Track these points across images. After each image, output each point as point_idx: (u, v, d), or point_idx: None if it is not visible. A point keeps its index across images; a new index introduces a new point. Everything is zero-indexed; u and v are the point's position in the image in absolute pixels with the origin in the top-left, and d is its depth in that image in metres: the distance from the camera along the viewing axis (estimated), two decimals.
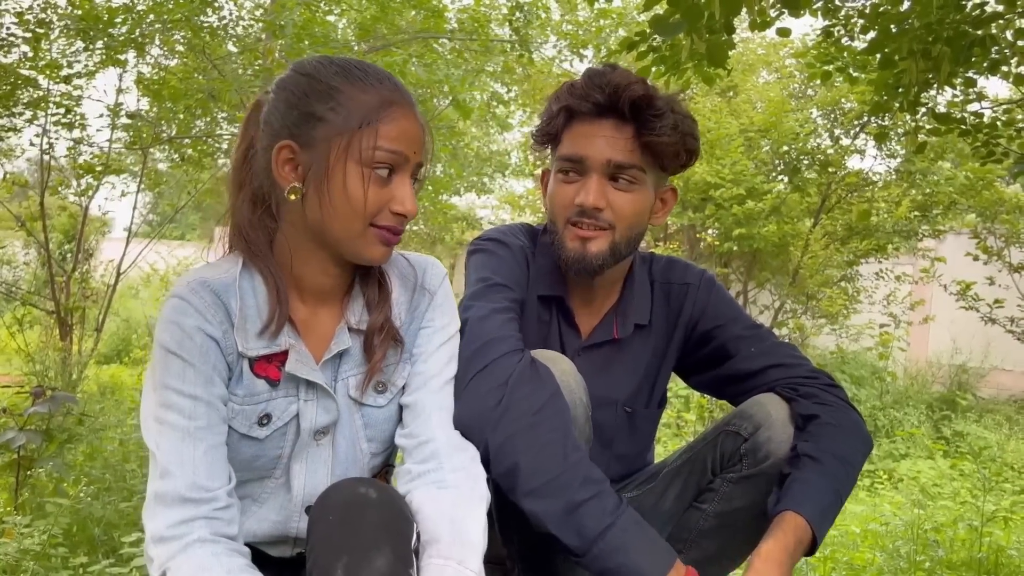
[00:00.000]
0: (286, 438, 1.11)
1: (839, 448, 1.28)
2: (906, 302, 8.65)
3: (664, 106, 1.33)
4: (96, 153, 5.99)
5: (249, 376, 1.08)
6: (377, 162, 1.05)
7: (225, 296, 1.07)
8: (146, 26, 5.53)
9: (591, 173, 1.35)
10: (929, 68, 2.70)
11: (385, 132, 1.05)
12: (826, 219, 8.12)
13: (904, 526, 3.34)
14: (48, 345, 6.21)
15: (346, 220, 1.06)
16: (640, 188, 1.37)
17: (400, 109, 1.07)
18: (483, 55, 7.48)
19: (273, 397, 1.10)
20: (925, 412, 7.78)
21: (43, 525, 2.64)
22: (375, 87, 1.07)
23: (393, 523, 0.97)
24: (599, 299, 1.47)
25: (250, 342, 1.08)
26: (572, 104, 1.37)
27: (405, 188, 1.08)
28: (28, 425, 3.01)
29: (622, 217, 1.36)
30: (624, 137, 1.34)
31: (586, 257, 1.36)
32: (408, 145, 1.07)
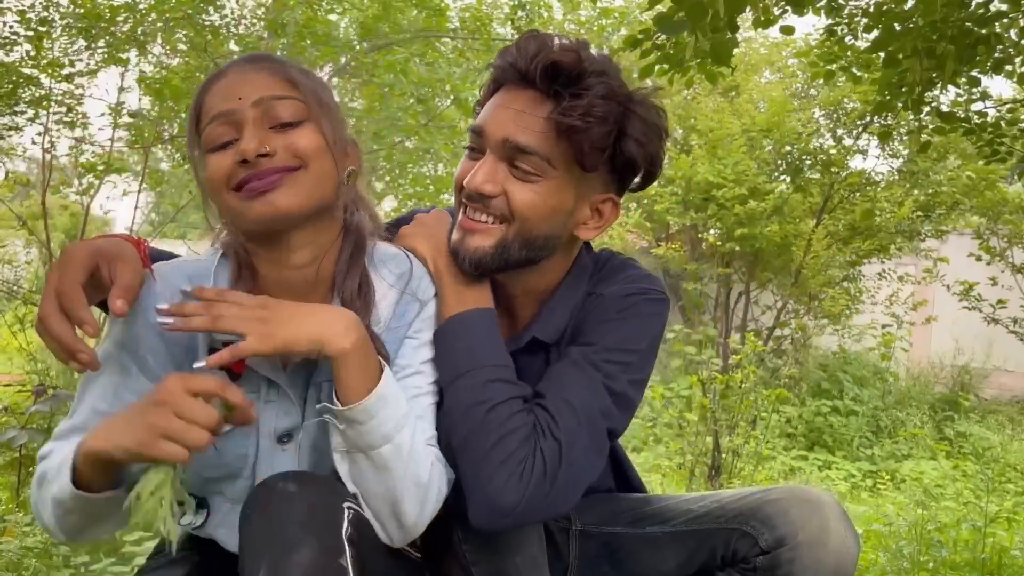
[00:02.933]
0: (249, 439, 1.07)
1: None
2: (909, 302, 8.63)
3: (593, 87, 1.07)
4: (98, 152, 5.99)
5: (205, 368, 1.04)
6: (211, 139, 1.00)
7: (198, 279, 1.06)
8: (148, 24, 5.53)
9: (488, 151, 1.13)
10: (933, 67, 2.69)
11: (205, 107, 1.02)
12: (828, 219, 8.11)
13: (907, 527, 3.34)
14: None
15: (215, 200, 1.03)
16: (546, 183, 1.11)
17: (218, 78, 1.03)
18: (485, 54, 7.47)
19: None
20: (928, 413, 7.77)
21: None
22: (201, 88, 1.05)
23: (319, 514, 0.93)
24: (522, 308, 1.26)
25: (218, 335, 1.04)
26: (496, 67, 1.16)
27: (245, 133, 0.98)
28: (30, 423, 3.00)
29: (518, 211, 1.11)
30: (535, 114, 1.10)
31: (463, 250, 1.14)
32: (227, 99, 1.00)
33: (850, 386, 7.72)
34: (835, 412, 7.35)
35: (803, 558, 1.11)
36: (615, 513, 1.34)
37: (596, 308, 1.19)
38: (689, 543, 1.24)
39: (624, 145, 1.12)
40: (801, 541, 1.10)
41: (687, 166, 7.98)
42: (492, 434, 1.06)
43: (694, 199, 8.18)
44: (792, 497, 1.15)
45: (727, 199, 7.78)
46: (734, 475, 4.79)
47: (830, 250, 7.97)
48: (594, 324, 1.18)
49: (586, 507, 1.35)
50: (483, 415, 1.07)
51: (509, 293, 1.24)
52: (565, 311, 1.22)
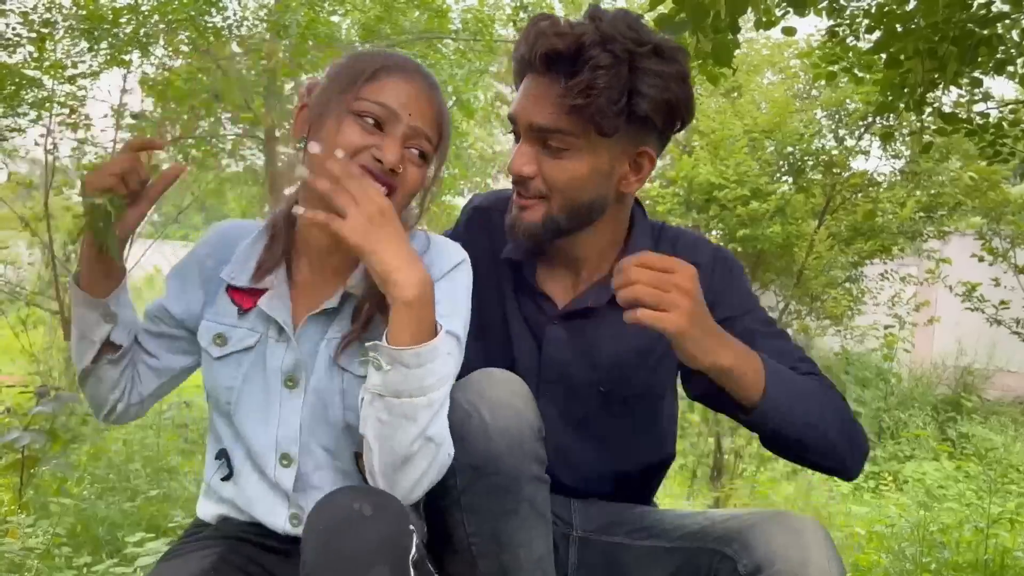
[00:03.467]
0: (240, 369, 1.18)
1: (832, 401, 1.20)
2: (911, 303, 8.63)
3: (594, 60, 1.12)
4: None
5: (223, 297, 1.21)
6: (362, 110, 1.10)
7: (244, 233, 1.24)
8: (150, 26, 5.55)
9: (522, 137, 1.22)
10: (935, 68, 2.69)
11: (374, 87, 1.11)
12: (831, 220, 8.10)
13: (910, 528, 3.33)
14: (52, 345, 6.22)
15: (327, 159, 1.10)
16: (575, 154, 1.18)
17: (400, 74, 1.13)
18: (487, 55, 7.48)
19: (236, 325, 1.19)
20: (930, 414, 7.77)
21: (47, 525, 2.64)
22: (381, 57, 1.15)
23: (388, 539, 0.97)
24: (586, 269, 1.32)
25: (241, 273, 1.20)
26: (515, 58, 1.23)
27: (392, 140, 1.10)
28: (32, 425, 3.01)
29: (554, 186, 1.20)
30: (548, 98, 1.17)
31: (517, 226, 1.25)
32: (399, 104, 1.11)
33: (853, 387, 7.72)
34: None
35: None
36: (615, 523, 1.32)
37: (714, 279, 1.27)
38: (677, 559, 1.21)
39: (636, 104, 1.16)
40: (778, 570, 1.05)
41: (689, 167, 7.99)
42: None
43: (696, 200, 8.18)
44: (776, 522, 1.10)
45: (729, 200, 7.78)
46: (736, 476, 4.79)
47: (832, 251, 7.96)
48: (728, 293, 1.28)
49: (587, 514, 1.34)
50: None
51: (574, 256, 1.31)
52: None
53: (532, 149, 1.21)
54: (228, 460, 1.22)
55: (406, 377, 1.02)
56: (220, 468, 1.22)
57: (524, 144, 1.21)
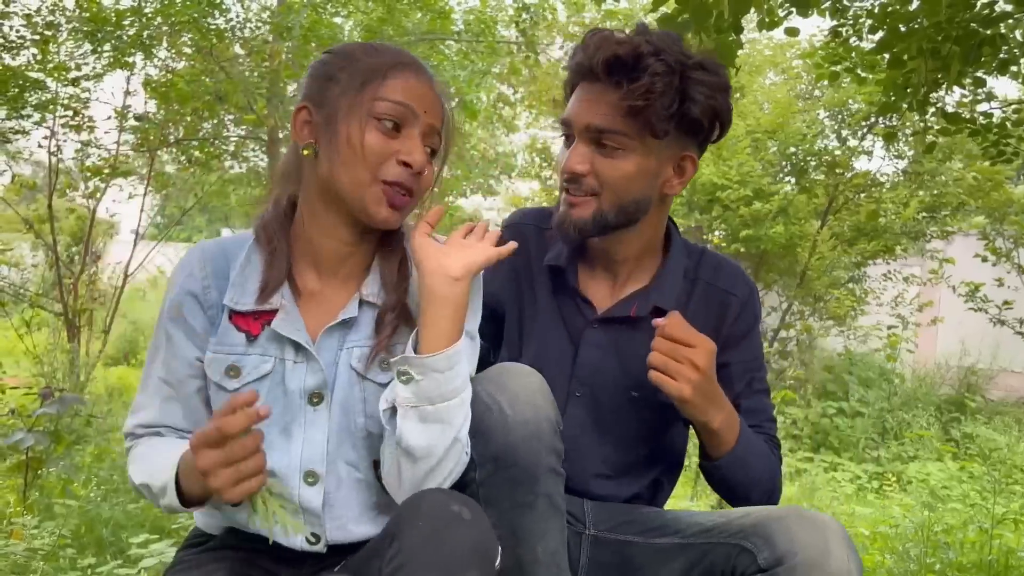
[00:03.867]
0: (278, 401, 1.13)
1: (763, 458, 1.37)
2: (914, 304, 8.60)
3: (651, 67, 1.23)
4: (104, 156, 6.02)
5: (226, 326, 1.14)
6: (381, 113, 1.08)
7: (232, 251, 1.17)
8: (154, 28, 5.56)
9: (576, 137, 1.31)
10: (938, 68, 2.68)
11: (390, 86, 1.09)
12: (833, 220, 8.09)
13: (914, 528, 3.33)
14: (56, 347, 6.23)
15: (352, 170, 1.09)
16: (628, 155, 1.28)
17: (409, 70, 1.12)
18: (489, 56, 7.49)
19: (247, 352, 1.13)
20: (934, 414, 7.74)
21: (52, 526, 2.65)
22: (387, 53, 1.13)
23: (482, 545, 0.97)
24: (623, 276, 1.40)
25: (244, 297, 1.14)
26: (570, 67, 1.35)
27: (413, 141, 1.10)
28: (36, 426, 3.02)
29: (607, 184, 1.29)
30: (606, 101, 1.26)
31: (566, 222, 1.32)
32: (415, 100, 1.10)
33: (856, 387, 7.70)
34: (841, 414, 7.33)
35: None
36: (627, 522, 1.34)
37: (743, 312, 1.41)
38: (691, 555, 1.24)
39: (688, 109, 1.27)
40: (800, 561, 1.08)
41: None
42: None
43: (699, 200, 8.18)
44: (795, 516, 1.14)
45: (732, 200, 7.77)
46: None
47: (835, 251, 7.95)
48: (746, 325, 1.42)
49: (600, 514, 1.36)
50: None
51: (613, 259, 1.39)
52: (674, 285, 1.39)
53: (587, 149, 1.29)
54: None
55: (439, 383, 1.04)
56: None
57: (579, 144, 1.30)
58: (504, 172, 13.38)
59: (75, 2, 5.32)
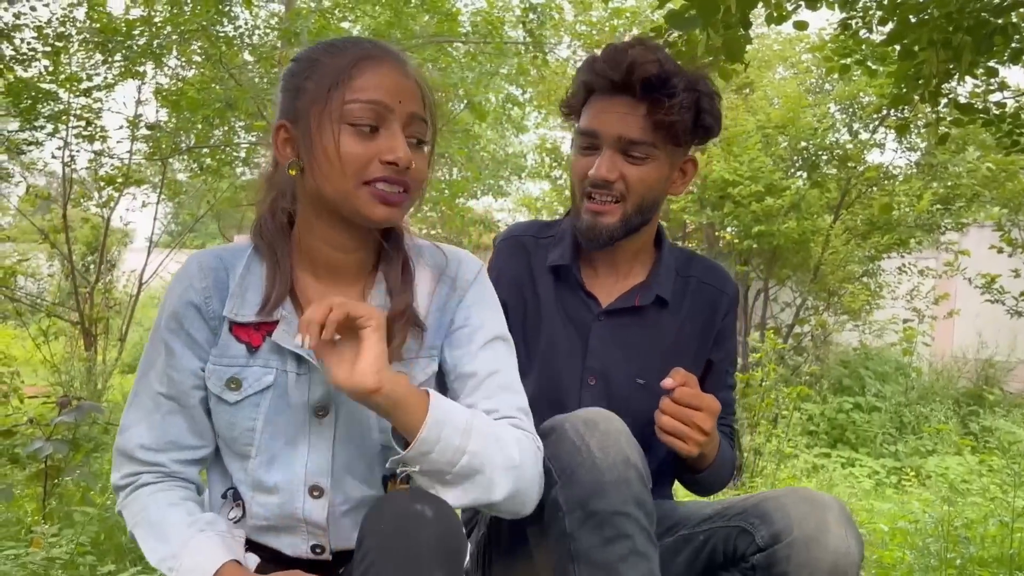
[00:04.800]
0: (259, 409, 1.10)
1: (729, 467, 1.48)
2: (930, 296, 8.54)
3: (678, 85, 1.36)
4: (117, 165, 6.06)
5: (227, 337, 1.12)
6: (354, 118, 1.04)
7: (230, 261, 1.14)
8: (164, 37, 5.59)
9: (604, 148, 1.40)
10: (950, 58, 2.66)
11: (357, 84, 1.05)
12: (846, 214, 8.03)
13: (933, 523, 3.30)
14: (73, 356, 6.28)
15: (336, 180, 1.05)
16: (653, 162, 1.41)
17: (374, 62, 1.07)
18: (497, 57, 7.48)
19: (248, 364, 1.11)
20: (952, 408, 7.68)
21: (71, 534, 2.66)
22: (348, 49, 1.08)
23: (448, 542, 0.96)
24: (623, 272, 1.51)
25: (244, 308, 1.11)
26: (590, 80, 1.43)
27: (394, 137, 1.05)
28: (55, 435, 3.03)
29: (634, 189, 1.41)
30: (637, 114, 1.38)
31: (597, 228, 1.42)
32: (388, 94, 1.05)
33: (872, 382, 7.64)
34: (857, 409, 7.27)
35: (799, 555, 1.10)
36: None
37: (730, 311, 1.54)
38: (696, 544, 1.28)
39: (703, 119, 1.42)
40: (796, 537, 1.10)
41: (702, 164, 7.94)
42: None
43: (710, 197, 8.14)
44: (792, 495, 1.18)
45: (743, 196, 7.74)
46: (756, 474, 4.75)
47: (849, 245, 7.90)
48: (731, 323, 1.55)
49: None
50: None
51: (614, 258, 1.49)
52: (668, 278, 1.50)
53: (616, 158, 1.40)
54: (239, 499, 1.15)
55: (434, 461, 1.02)
56: (231, 508, 1.16)
57: (608, 153, 1.40)
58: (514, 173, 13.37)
59: (86, 13, 5.36)
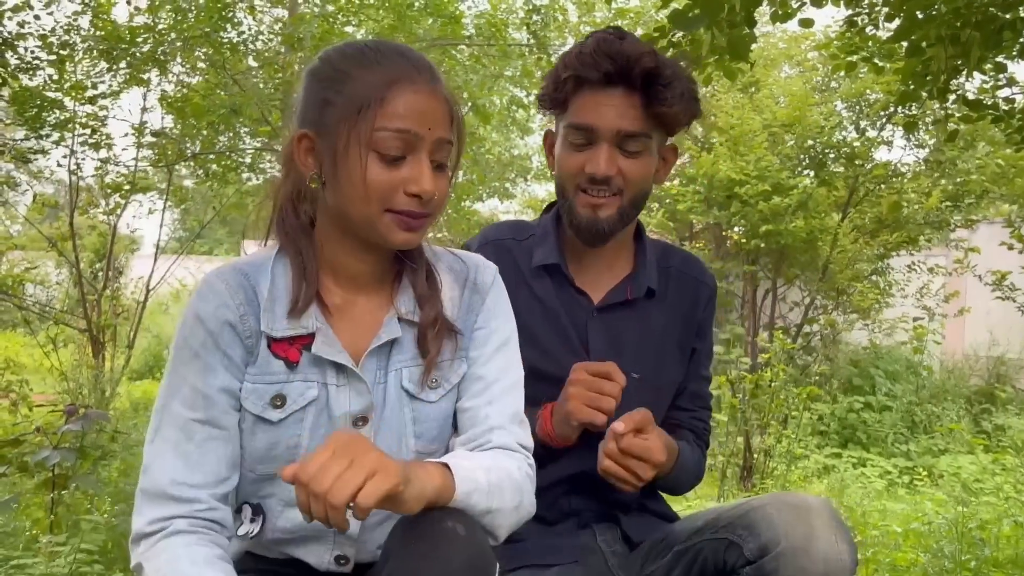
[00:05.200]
0: (303, 424, 1.08)
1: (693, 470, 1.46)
2: (940, 294, 8.48)
3: (672, 75, 1.34)
4: (123, 172, 6.08)
5: (266, 354, 1.07)
6: (383, 147, 1.02)
7: (254, 277, 1.09)
8: (168, 44, 5.61)
9: (600, 142, 1.35)
10: (958, 54, 2.63)
11: (389, 110, 1.02)
12: (854, 213, 7.99)
13: (947, 525, 3.26)
14: (81, 363, 6.30)
15: (359, 205, 1.04)
16: (646, 154, 1.38)
17: (407, 85, 1.03)
18: (501, 59, 7.48)
19: (290, 380, 1.07)
20: (964, 406, 7.62)
21: (77, 543, 2.66)
22: (382, 65, 1.04)
23: (477, 560, 0.95)
24: (608, 265, 1.48)
25: (276, 322, 1.07)
26: (581, 72, 1.35)
27: (420, 167, 1.03)
28: (62, 443, 3.03)
29: (631, 183, 1.38)
30: (633, 106, 1.35)
31: (598, 223, 1.38)
32: (418, 121, 1.03)
33: (882, 381, 7.59)
34: (868, 408, 7.22)
35: (787, 567, 1.06)
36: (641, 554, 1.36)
37: (710, 301, 1.53)
38: (688, 559, 1.24)
39: (693, 107, 1.39)
40: (784, 548, 1.07)
41: (709, 164, 7.92)
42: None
43: (717, 197, 8.11)
44: (778, 502, 1.13)
45: (750, 196, 7.70)
46: (767, 475, 4.72)
47: (857, 244, 7.85)
48: (710, 314, 1.53)
49: (615, 545, 1.37)
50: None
51: (599, 250, 1.45)
52: (654, 267, 1.49)
53: (613, 152, 1.35)
54: (258, 513, 1.12)
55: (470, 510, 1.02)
56: (249, 523, 1.12)
57: (606, 148, 1.35)
58: (520, 175, 13.37)
59: (90, 21, 5.37)
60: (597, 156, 1.35)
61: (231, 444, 1.07)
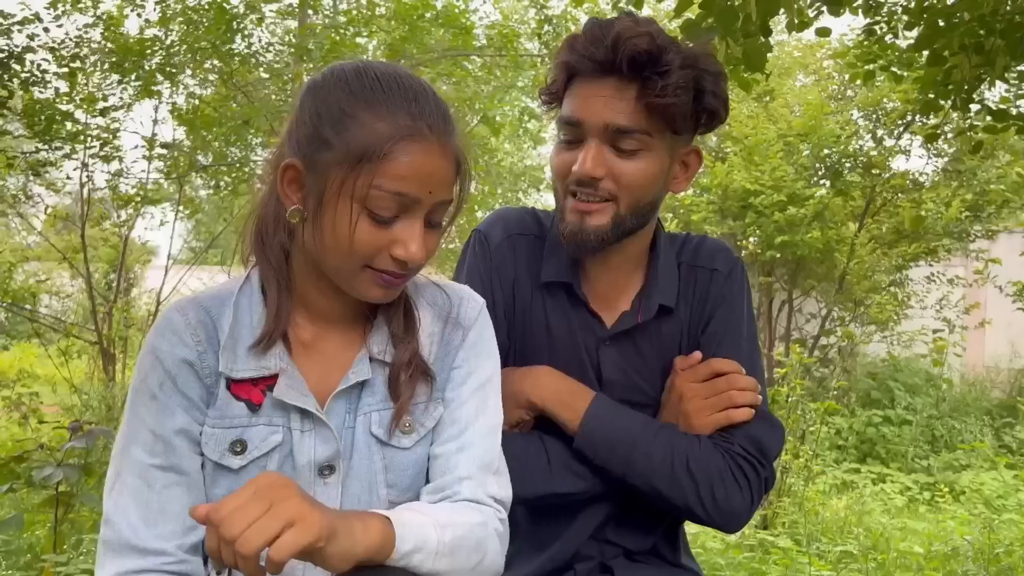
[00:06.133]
0: (265, 471, 0.98)
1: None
2: (960, 306, 8.35)
3: (674, 61, 1.15)
4: (134, 184, 6.09)
5: (226, 396, 0.99)
6: (376, 207, 0.93)
7: (216, 312, 1.01)
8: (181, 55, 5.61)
9: (589, 139, 1.19)
10: (982, 63, 2.55)
11: (390, 169, 0.92)
12: (871, 223, 7.88)
13: (970, 546, 3.16)
14: (93, 375, 6.30)
15: (336, 259, 0.96)
16: (647, 154, 1.19)
17: (415, 142, 0.93)
18: (513, 70, 7.44)
19: (252, 424, 0.99)
20: (985, 420, 7.49)
21: (81, 563, 2.62)
22: (391, 113, 0.93)
23: None
24: (622, 283, 1.31)
25: (238, 362, 0.99)
26: (571, 61, 1.20)
27: (411, 230, 0.95)
28: (67, 460, 2.99)
29: (625, 187, 1.19)
30: (626, 98, 1.17)
31: (584, 231, 1.21)
32: (420, 185, 0.93)
33: (902, 394, 7.47)
34: (887, 422, 7.10)
35: None
36: None
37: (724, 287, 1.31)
38: None
39: (705, 101, 1.20)
40: None
41: (723, 174, 7.84)
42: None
43: (731, 207, 8.03)
44: None
45: (766, 206, 7.62)
46: (783, 492, 4.63)
47: (875, 254, 7.74)
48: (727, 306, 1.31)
49: None
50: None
51: (610, 264, 1.29)
52: (669, 278, 1.31)
53: (602, 150, 1.19)
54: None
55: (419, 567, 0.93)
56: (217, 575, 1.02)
57: (594, 145, 1.19)
58: (532, 185, 13.34)
59: (101, 34, 5.39)
60: (583, 154, 1.18)
61: (195, 490, 0.98)
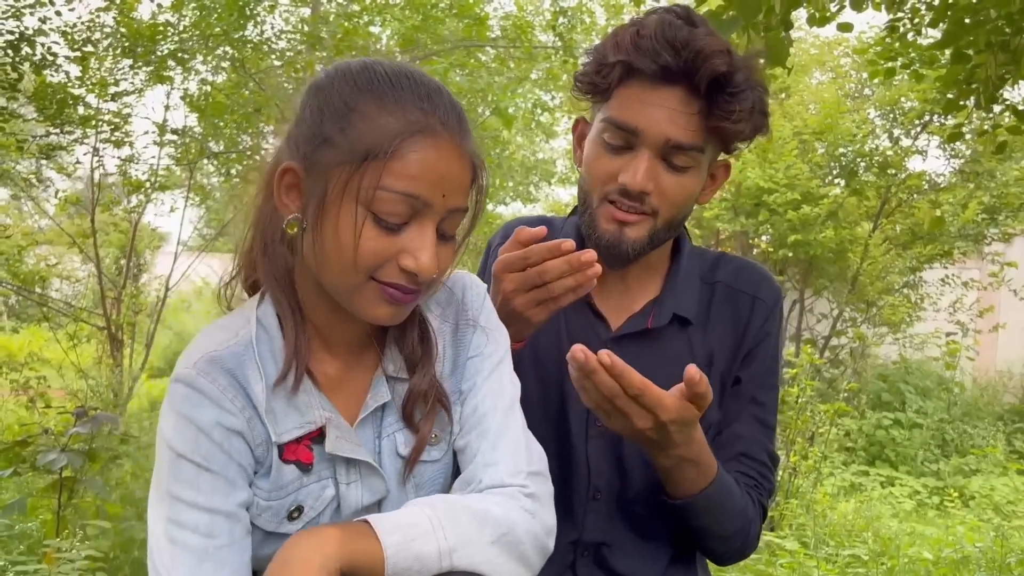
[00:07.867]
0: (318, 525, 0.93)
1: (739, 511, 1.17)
2: (974, 309, 8.27)
3: (744, 83, 1.09)
4: (145, 170, 6.09)
5: (278, 464, 0.90)
6: (383, 211, 0.83)
7: (242, 373, 0.89)
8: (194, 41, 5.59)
9: (643, 149, 1.12)
10: (1008, 61, 2.49)
11: (399, 167, 0.83)
12: (886, 223, 7.81)
13: (981, 554, 3.12)
14: (102, 360, 6.31)
15: (339, 271, 0.86)
16: (694, 171, 1.14)
17: (427, 139, 0.84)
18: (527, 62, 7.40)
19: (305, 484, 0.92)
20: (996, 425, 7.42)
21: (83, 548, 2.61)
22: (401, 107, 0.85)
23: None
24: (634, 285, 1.25)
25: (279, 424, 0.90)
26: (634, 60, 1.10)
27: (422, 238, 0.85)
28: (71, 445, 2.98)
29: (669, 202, 1.14)
30: (690, 113, 1.10)
31: (622, 243, 1.15)
32: (432, 186, 0.84)
33: (913, 397, 7.40)
34: (897, 425, 7.04)
35: None
36: None
37: (768, 322, 1.26)
38: None
39: (761, 123, 1.15)
40: None
41: (737, 171, 7.78)
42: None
43: (744, 204, 7.97)
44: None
45: (779, 204, 7.56)
46: (791, 494, 4.58)
47: (888, 255, 7.67)
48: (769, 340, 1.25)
49: None
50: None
51: (630, 272, 1.25)
52: (689, 290, 1.25)
53: (656, 164, 1.13)
54: None
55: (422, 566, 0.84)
56: None
57: (648, 158, 1.12)
58: (544, 179, 13.29)
59: (114, 18, 5.37)
60: (635, 165, 1.11)
61: (247, 555, 0.90)
